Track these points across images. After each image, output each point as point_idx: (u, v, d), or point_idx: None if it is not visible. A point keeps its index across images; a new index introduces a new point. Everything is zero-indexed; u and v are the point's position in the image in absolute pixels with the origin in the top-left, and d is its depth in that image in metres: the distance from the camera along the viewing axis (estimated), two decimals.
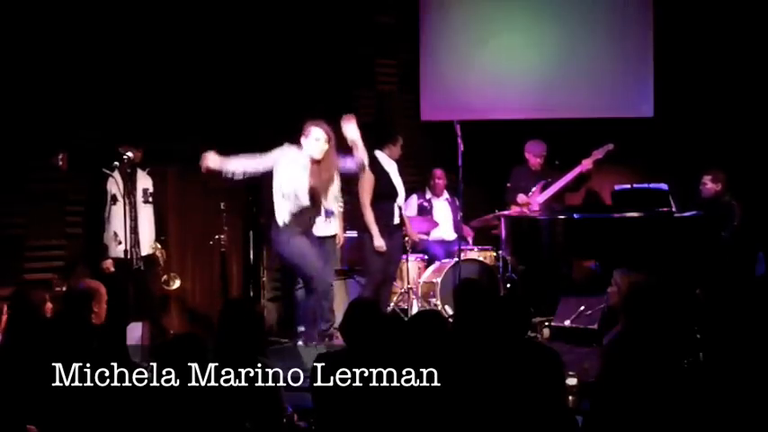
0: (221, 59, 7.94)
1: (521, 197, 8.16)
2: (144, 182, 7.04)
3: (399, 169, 7.56)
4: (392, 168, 7.39)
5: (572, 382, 4.95)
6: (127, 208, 6.71)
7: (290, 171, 6.45)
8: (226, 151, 7.99)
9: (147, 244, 7.02)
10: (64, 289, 6.39)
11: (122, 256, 6.78)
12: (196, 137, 7.71)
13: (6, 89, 6.93)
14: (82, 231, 7.20)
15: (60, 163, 6.97)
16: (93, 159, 6.96)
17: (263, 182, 8.05)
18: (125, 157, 6.70)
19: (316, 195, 6.50)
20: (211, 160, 6.39)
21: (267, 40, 8.27)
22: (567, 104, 8.90)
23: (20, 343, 4.88)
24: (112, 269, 6.85)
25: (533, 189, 8.15)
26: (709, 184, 8.00)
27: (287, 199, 6.47)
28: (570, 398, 4.88)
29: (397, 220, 7.41)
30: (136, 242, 6.87)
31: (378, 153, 7.32)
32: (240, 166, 6.45)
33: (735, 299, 5.08)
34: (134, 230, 6.85)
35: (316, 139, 6.43)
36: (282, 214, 6.51)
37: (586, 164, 8.06)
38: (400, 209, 7.49)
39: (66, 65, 7.17)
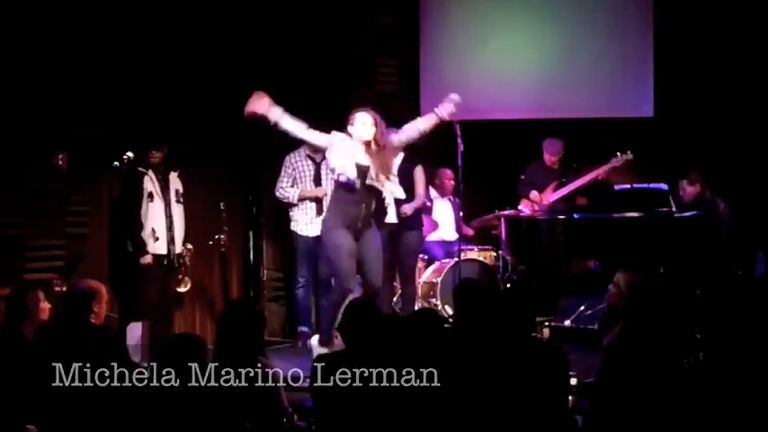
0: (222, 59, 7.94)
1: (534, 194, 8.16)
2: (176, 183, 7.15)
3: None
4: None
5: (572, 381, 4.94)
6: (163, 205, 6.96)
7: (344, 158, 6.14)
8: (225, 151, 8.04)
9: (179, 243, 7.11)
10: (64, 289, 6.39)
11: (161, 252, 6.96)
12: (195, 137, 7.72)
13: (6, 89, 6.92)
14: (105, 228, 7.29)
15: (60, 163, 6.97)
16: (133, 161, 6.94)
17: (265, 181, 8.09)
18: (125, 157, 6.71)
19: (371, 181, 6.19)
20: (259, 104, 6.10)
21: (267, 40, 8.26)
22: (568, 104, 8.90)
23: (18, 343, 4.89)
24: (150, 261, 6.94)
25: (546, 188, 8.14)
26: (689, 188, 8.01)
27: (339, 186, 6.20)
28: (570, 398, 4.88)
29: (392, 219, 7.35)
30: (172, 239, 7.04)
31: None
32: (290, 126, 6.19)
33: (735, 299, 5.07)
34: (170, 228, 7.00)
35: (362, 123, 6.19)
36: (332, 206, 6.30)
37: (603, 170, 8.02)
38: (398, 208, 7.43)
39: (66, 64, 7.16)
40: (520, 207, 8.19)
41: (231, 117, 8.01)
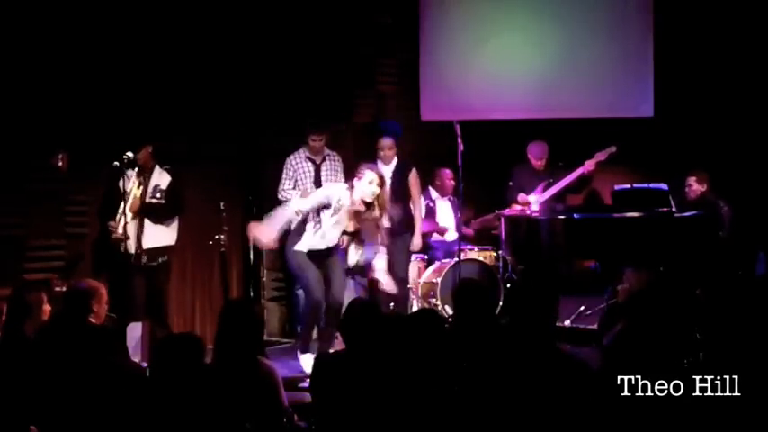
0: (221, 59, 7.94)
1: (521, 197, 8.17)
2: (157, 179, 6.98)
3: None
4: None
5: None
6: (138, 204, 6.79)
7: (340, 213, 6.42)
8: (225, 151, 8.04)
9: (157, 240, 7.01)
10: (64, 289, 6.38)
11: (131, 251, 6.81)
12: (195, 136, 7.73)
13: (6, 89, 6.92)
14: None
15: (60, 163, 6.96)
16: (103, 158, 6.92)
17: (264, 180, 8.09)
18: (125, 157, 6.70)
19: (354, 237, 6.53)
20: (264, 234, 6.36)
21: (267, 40, 8.26)
22: (568, 104, 8.90)
23: (19, 343, 4.89)
24: (119, 231, 6.78)
25: (536, 189, 8.15)
26: (695, 186, 8.03)
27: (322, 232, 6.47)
28: None
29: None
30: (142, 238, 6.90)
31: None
32: (292, 215, 6.42)
33: (735, 299, 5.08)
34: (141, 226, 6.84)
35: (369, 182, 6.33)
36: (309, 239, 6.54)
37: (589, 165, 8.05)
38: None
39: (66, 64, 7.16)
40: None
41: (232, 117, 8.06)
